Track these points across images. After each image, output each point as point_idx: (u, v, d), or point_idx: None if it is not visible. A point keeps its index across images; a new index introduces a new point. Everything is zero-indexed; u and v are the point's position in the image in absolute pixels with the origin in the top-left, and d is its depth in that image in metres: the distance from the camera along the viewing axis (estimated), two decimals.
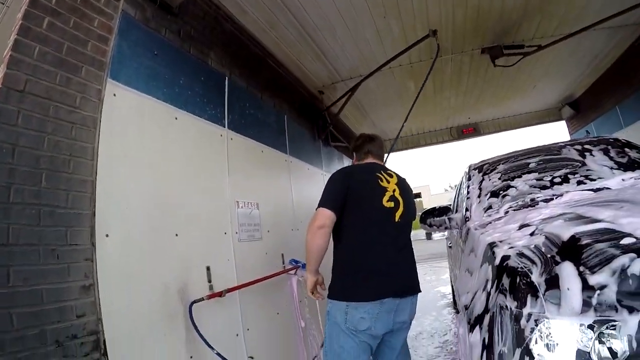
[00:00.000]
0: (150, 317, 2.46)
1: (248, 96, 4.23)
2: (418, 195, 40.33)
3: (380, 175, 2.84)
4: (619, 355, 1.34)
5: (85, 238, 2.15)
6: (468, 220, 3.38)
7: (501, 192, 3.40)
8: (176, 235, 2.80)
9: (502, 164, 3.88)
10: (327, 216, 2.57)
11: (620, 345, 1.34)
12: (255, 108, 4.33)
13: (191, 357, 2.68)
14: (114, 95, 2.43)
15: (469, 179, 4.02)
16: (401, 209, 2.79)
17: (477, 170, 4.04)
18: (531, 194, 3.14)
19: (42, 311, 1.87)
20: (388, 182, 2.83)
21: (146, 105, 2.70)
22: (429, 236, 35.38)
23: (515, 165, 3.75)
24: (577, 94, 10.28)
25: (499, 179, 3.60)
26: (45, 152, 2.01)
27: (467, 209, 3.56)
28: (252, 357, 3.46)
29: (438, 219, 3.73)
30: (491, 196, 3.41)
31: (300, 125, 5.79)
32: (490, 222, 2.84)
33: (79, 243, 2.11)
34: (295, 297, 4.51)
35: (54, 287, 1.95)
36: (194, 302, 2.76)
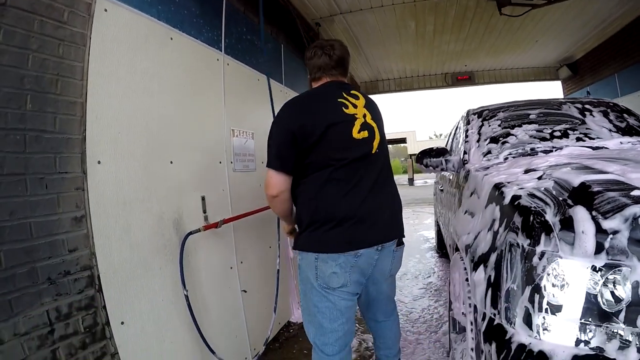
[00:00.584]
0: (145, 249, 2.35)
1: (245, 21, 3.95)
2: (403, 140, 40.44)
3: (343, 99, 2.20)
4: (623, 300, 1.39)
5: (76, 165, 1.98)
6: (466, 164, 3.34)
7: (501, 138, 3.37)
8: (171, 162, 2.64)
9: (502, 111, 3.82)
10: (279, 182, 2.19)
11: (625, 291, 1.39)
12: (252, 34, 4.06)
13: (187, 291, 2.58)
14: (105, 10, 2.18)
15: (468, 123, 3.96)
16: (377, 137, 2.26)
17: (476, 116, 3.96)
18: (531, 144, 3.14)
19: (31, 247, 1.74)
20: (355, 106, 2.21)
21: (140, 22, 2.45)
22: (410, 182, 36.20)
23: (515, 114, 3.70)
24: (577, 56, 10.21)
25: (499, 125, 3.56)
26: (29, 71, 1.79)
27: (465, 152, 3.52)
28: (245, 291, 3.43)
29: (435, 159, 3.61)
30: (490, 142, 3.37)
31: (296, 58, 5.54)
32: (492, 166, 2.81)
33: (69, 171, 1.95)
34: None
35: (43, 220, 1.81)
36: (190, 233, 2.66)
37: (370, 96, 2.51)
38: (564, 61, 10.68)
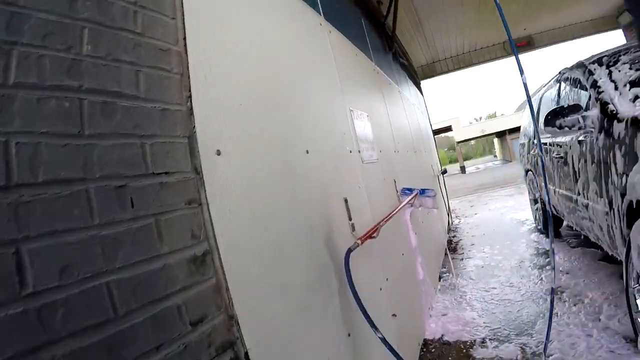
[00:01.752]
0: (302, 288, 1.43)
1: None
2: (449, 128, 38.84)
3: None
4: None
5: (182, 158, 1.06)
6: (613, 115, 2.73)
7: None
8: (307, 152, 1.71)
9: (624, 54, 3.30)
10: None
11: None
12: (340, 2, 3.17)
13: (349, 334, 1.66)
14: None
15: (590, 74, 3.37)
16: None
17: (597, 64, 3.41)
18: None
19: (115, 337, 0.78)
20: None
21: None
22: (463, 170, 34.62)
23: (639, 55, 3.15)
24: None
25: (630, 68, 3.04)
26: None
27: (604, 104, 2.91)
28: (395, 315, 2.45)
29: (570, 118, 3.17)
30: (632, 87, 2.83)
31: (374, 33, 4.57)
32: None
33: (171, 170, 1.02)
34: (410, 231, 3.50)
35: (131, 273, 0.86)
36: (350, 250, 1.70)
37: (427, 80, 1.68)
38: (623, 6, 9.20)
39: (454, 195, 14.83)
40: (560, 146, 3.99)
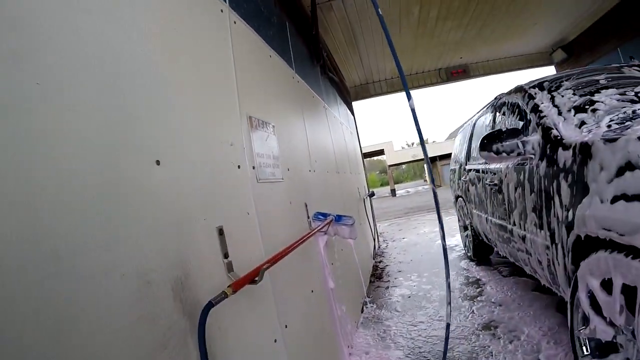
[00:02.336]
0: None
1: None
2: (381, 152, 39.38)
3: None
4: None
5: None
6: (558, 141, 2.49)
7: (587, 106, 2.68)
8: (157, 163, 1.20)
9: (566, 80, 3.16)
10: None
11: None
12: None
13: None
14: None
15: (531, 98, 3.18)
16: None
17: (537, 88, 3.23)
18: (625, 107, 2.49)
19: None
20: None
21: None
22: (393, 193, 35.06)
23: (582, 81, 3.06)
24: (571, 37, 9.57)
25: (574, 94, 2.90)
26: None
27: (547, 129, 2.70)
28: None
29: (508, 143, 2.89)
30: (576, 112, 2.68)
31: (299, 41, 4.17)
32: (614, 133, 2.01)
33: None
34: (324, 263, 3.08)
35: None
36: (211, 304, 1.23)
37: (360, 101, 1.37)
38: (558, 44, 9.83)
39: (383, 218, 14.78)
40: (494, 173, 3.76)
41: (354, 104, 10.42)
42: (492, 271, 5.08)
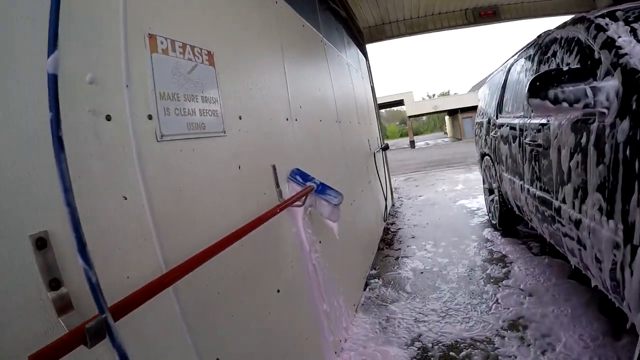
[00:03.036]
0: None
1: None
2: (400, 102, 37.98)
3: None
4: None
5: None
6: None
7: None
8: None
9: None
10: None
11: None
12: None
13: None
14: None
15: (600, 30, 2.23)
16: None
17: (608, 18, 2.28)
18: None
19: None
20: None
21: None
22: (412, 144, 33.82)
23: None
24: None
25: None
26: None
27: (631, 72, 1.82)
28: None
29: (572, 88, 1.97)
30: None
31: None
32: None
33: None
34: (304, 246, 2.31)
35: None
36: None
37: (375, 44, 0.18)
38: None
39: (400, 171, 13.92)
40: (538, 130, 2.85)
41: (369, 47, 9.33)
42: (520, 246, 4.24)
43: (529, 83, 2.13)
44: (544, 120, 2.77)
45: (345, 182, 3.73)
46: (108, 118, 1.06)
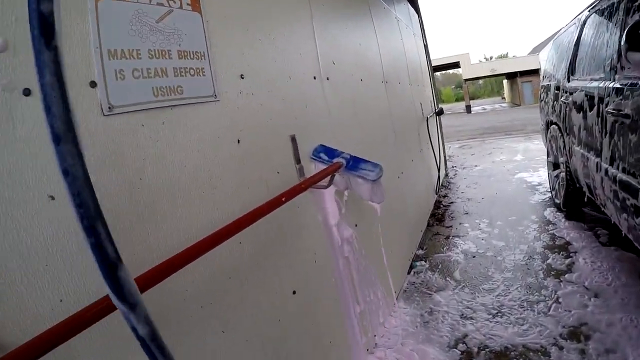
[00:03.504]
0: None
1: None
2: (456, 64, 36.33)
3: None
4: None
5: None
6: None
7: None
8: None
9: None
10: None
11: None
12: None
13: None
14: None
15: None
16: None
17: None
18: None
19: None
20: None
21: None
22: (468, 109, 32.24)
23: None
24: None
25: None
26: None
27: None
28: None
29: None
30: None
31: None
32: None
33: None
34: (337, 245, 1.96)
35: None
36: None
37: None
38: None
39: (455, 138, 13.20)
40: (627, 96, 2.29)
41: (421, 2, 8.57)
42: (586, 232, 3.67)
43: (626, 33, 1.65)
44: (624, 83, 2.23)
45: (392, 152, 3.31)
46: (26, 92, 0.74)
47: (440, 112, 6.60)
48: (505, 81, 44.24)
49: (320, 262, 1.83)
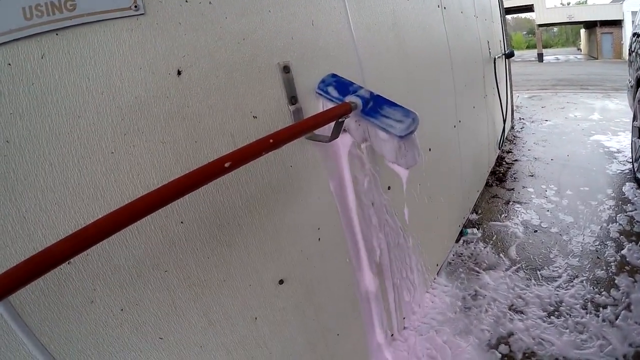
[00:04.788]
0: None
1: None
2: (529, 8, 33.61)
3: None
4: None
5: None
6: None
7: None
8: None
9: None
10: None
11: None
12: None
13: None
14: None
15: None
16: None
17: None
18: None
19: None
20: None
21: None
22: (540, 58, 29.91)
23: None
24: None
25: None
26: None
27: None
28: None
29: None
30: None
31: None
32: None
33: None
34: (351, 215, 1.45)
35: None
36: None
37: None
38: None
39: (524, 87, 12.04)
40: None
41: None
42: None
43: None
44: None
45: (448, 97, 2.65)
46: None
47: (510, 55, 5.71)
48: (582, 31, 40.66)
49: (325, 238, 1.32)
